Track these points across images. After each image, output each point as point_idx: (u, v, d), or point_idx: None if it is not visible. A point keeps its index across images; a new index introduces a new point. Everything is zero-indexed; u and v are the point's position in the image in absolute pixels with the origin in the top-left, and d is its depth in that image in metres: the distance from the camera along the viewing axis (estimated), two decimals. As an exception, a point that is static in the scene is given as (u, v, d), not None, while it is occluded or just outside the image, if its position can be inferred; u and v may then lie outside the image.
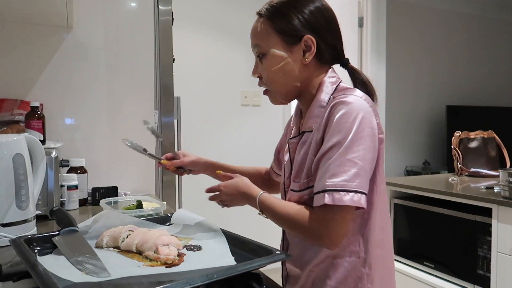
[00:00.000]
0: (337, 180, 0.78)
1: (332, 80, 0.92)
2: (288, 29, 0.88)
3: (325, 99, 0.89)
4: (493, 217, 1.75)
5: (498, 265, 1.74)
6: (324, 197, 0.78)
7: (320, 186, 0.80)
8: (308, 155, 0.88)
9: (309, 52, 0.89)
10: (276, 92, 0.94)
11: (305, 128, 0.92)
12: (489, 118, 3.62)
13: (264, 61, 0.91)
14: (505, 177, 1.75)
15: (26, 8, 1.44)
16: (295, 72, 0.90)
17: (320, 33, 0.90)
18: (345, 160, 0.79)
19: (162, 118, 1.90)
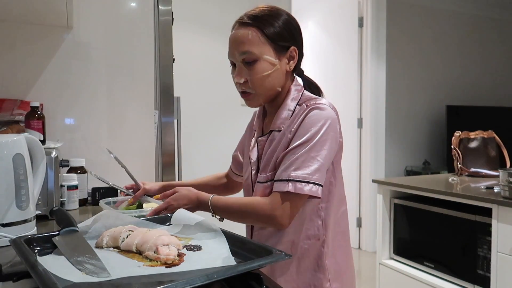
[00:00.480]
0: (300, 172, 0.93)
1: (298, 88, 1.07)
2: (278, 39, 1.00)
3: (293, 104, 1.03)
4: (493, 217, 1.75)
5: (498, 265, 1.74)
6: (288, 185, 0.93)
7: (284, 175, 0.95)
8: (277, 151, 1.01)
9: (293, 61, 1.04)
10: (260, 95, 1.03)
11: (274, 127, 1.05)
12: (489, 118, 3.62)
13: (254, 67, 0.99)
14: (505, 177, 1.75)
15: (26, 8, 1.44)
16: (281, 78, 1.03)
17: (299, 45, 1.05)
18: (309, 157, 0.94)
19: (162, 118, 1.90)
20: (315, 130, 0.95)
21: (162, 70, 1.89)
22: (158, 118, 1.89)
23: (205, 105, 3.14)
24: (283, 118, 1.03)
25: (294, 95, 1.05)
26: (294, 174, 0.93)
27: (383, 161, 3.86)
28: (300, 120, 0.98)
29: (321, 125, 0.96)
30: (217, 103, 3.18)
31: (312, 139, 0.95)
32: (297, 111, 1.02)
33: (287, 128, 1.01)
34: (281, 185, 0.94)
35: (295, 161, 0.94)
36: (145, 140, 1.79)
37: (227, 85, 3.20)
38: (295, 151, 0.96)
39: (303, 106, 1.01)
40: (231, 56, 1.04)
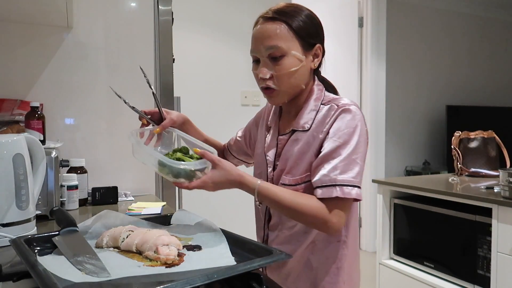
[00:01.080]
0: (346, 176, 0.91)
1: (320, 87, 1.05)
2: (306, 35, 0.98)
3: (317, 104, 1.01)
4: (493, 217, 1.75)
5: (498, 265, 1.74)
6: (335, 190, 0.90)
7: (329, 180, 0.91)
8: (308, 153, 0.98)
9: (317, 59, 1.01)
10: (284, 92, 1.00)
11: (297, 127, 1.02)
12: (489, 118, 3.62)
13: (281, 62, 0.96)
14: (505, 177, 1.75)
15: (26, 8, 1.44)
16: (306, 75, 1.01)
17: (323, 44, 1.03)
18: (351, 160, 0.92)
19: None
20: (352, 131, 0.94)
21: (162, 70, 1.89)
22: (158, 118, 1.88)
23: (205, 105, 3.14)
24: (308, 118, 1.01)
25: (318, 95, 1.03)
26: (341, 178, 0.91)
27: (383, 161, 3.86)
28: (331, 121, 0.96)
29: (355, 126, 0.94)
30: (217, 103, 3.18)
31: (351, 141, 0.93)
32: (324, 111, 0.99)
33: (317, 129, 0.98)
34: (328, 191, 0.91)
35: (338, 165, 0.92)
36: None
37: (227, 85, 3.21)
38: (334, 154, 0.93)
39: (333, 106, 0.98)
40: (256, 51, 1.00)
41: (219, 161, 0.91)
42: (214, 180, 0.91)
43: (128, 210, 1.38)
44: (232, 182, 0.92)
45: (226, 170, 0.91)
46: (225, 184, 0.92)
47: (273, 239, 1.07)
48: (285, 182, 1.01)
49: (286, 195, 0.93)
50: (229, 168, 0.92)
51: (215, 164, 0.91)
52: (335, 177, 0.91)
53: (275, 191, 0.93)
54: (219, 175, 0.91)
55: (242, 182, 0.93)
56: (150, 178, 1.81)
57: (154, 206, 1.43)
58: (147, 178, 1.80)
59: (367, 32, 3.78)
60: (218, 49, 3.17)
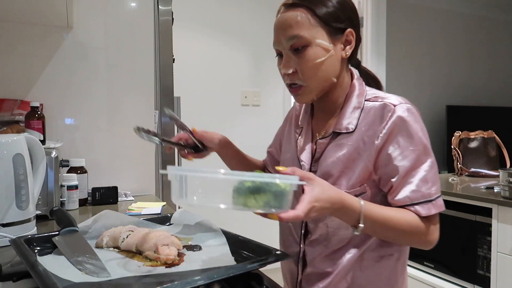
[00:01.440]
0: (435, 188, 0.82)
1: (360, 81, 0.92)
2: (333, 20, 0.85)
3: (360, 100, 0.88)
4: (493, 217, 1.75)
5: (498, 265, 1.74)
6: (432, 207, 0.81)
7: (422, 196, 0.80)
8: (359, 161, 0.84)
9: (349, 46, 0.88)
10: (312, 88, 0.87)
11: (339, 128, 0.88)
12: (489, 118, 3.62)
13: (305, 54, 0.84)
14: (505, 177, 1.75)
15: (26, 8, 1.44)
16: (336, 66, 0.87)
17: (355, 27, 0.88)
18: (434, 168, 0.83)
19: (162, 118, 1.90)
20: (423, 134, 0.82)
21: (162, 70, 1.89)
22: (158, 118, 1.89)
23: (205, 105, 3.14)
24: (351, 118, 0.87)
25: (360, 90, 0.90)
26: (434, 191, 0.81)
27: (383, 161, 3.86)
28: (391, 125, 0.82)
29: (420, 129, 0.83)
30: (217, 103, 3.18)
31: (426, 146, 0.82)
32: (373, 110, 0.85)
33: (367, 132, 0.84)
34: (425, 208, 0.80)
35: (427, 176, 0.81)
36: (145, 140, 1.78)
37: (227, 85, 3.21)
38: (418, 164, 0.81)
39: (387, 106, 0.83)
40: (277, 44, 0.88)
41: (315, 176, 0.72)
42: (318, 198, 0.69)
43: (128, 210, 1.38)
44: (334, 199, 0.72)
45: (326, 185, 0.73)
46: (328, 204, 0.71)
47: (314, 256, 0.91)
48: None
49: (389, 214, 0.80)
50: (327, 184, 0.74)
51: (311, 179, 0.71)
52: (428, 191, 0.81)
53: (379, 210, 0.79)
54: (321, 190, 0.71)
55: (344, 201, 0.74)
56: (150, 178, 1.81)
57: (154, 206, 1.43)
58: (147, 178, 1.80)
59: (367, 32, 3.78)
60: (218, 49, 3.17)
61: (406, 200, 0.81)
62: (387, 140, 0.82)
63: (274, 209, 0.64)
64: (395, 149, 0.82)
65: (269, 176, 0.64)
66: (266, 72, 3.32)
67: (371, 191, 0.85)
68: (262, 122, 3.29)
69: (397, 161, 0.81)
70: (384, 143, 0.82)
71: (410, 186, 0.81)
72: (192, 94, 3.02)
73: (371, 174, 0.85)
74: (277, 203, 0.64)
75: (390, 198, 0.83)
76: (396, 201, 0.82)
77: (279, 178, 0.64)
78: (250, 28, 3.23)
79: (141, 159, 1.78)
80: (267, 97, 3.33)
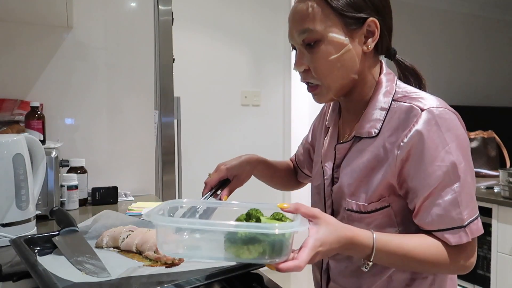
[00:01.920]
0: (467, 212, 0.70)
1: (390, 76, 0.81)
2: (350, 10, 0.74)
3: (387, 100, 0.77)
4: (493, 217, 1.75)
5: (498, 265, 1.74)
6: (464, 234, 0.70)
7: (451, 221, 0.70)
8: (379, 172, 0.75)
9: (372, 38, 0.77)
10: (329, 87, 0.78)
11: (361, 133, 0.78)
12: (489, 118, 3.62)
13: (318, 49, 0.75)
14: (505, 177, 1.75)
15: (26, 8, 1.43)
16: (355, 61, 0.77)
17: (382, 15, 0.78)
18: (468, 184, 0.71)
19: (162, 118, 1.90)
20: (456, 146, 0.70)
21: (162, 70, 1.89)
22: (158, 118, 1.89)
23: (205, 105, 3.14)
24: (375, 120, 0.77)
25: (388, 88, 0.78)
26: (467, 216, 0.70)
27: (383, 161, 3.86)
28: (414, 134, 0.70)
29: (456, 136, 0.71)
30: (217, 103, 3.18)
31: (455, 164, 0.70)
32: (399, 112, 0.74)
33: (390, 138, 0.74)
34: (455, 236, 0.70)
35: (458, 199, 0.69)
36: (145, 140, 1.79)
37: (227, 85, 3.21)
38: (445, 184, 0.69)
39: (413, 109, 0.72)
40: (291, 38, 0.80)
41: (321, 214, 0.64)
42: (324, 242, 0.62)
43: (128, 210, 1.38)
44: (343, 241, 0.64)
45: (333, 224, 0.64)
46: (336, 245, 0.63)
47: (339, 270, 0.83)
48: (350, 208, 0.78)
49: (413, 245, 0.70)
50: (335, 222, 0.65)
51: (316, 218, 0.63)
52: (460, 217, 0.69)
53: (396, 243, 0.69)
54: (328, 232, 0.63)
55: (354, 238, 0.66)
56: (150, 178, 1.81)
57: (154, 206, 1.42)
58: (147, 178, 1.80)
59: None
60: (218, 49, 3.17)
61: (433, 225, 0.71)
62: (409, 152, 0.71)
63: (270, 259, 0.57)
64: (418, 163, 0.71)
65: (264, 226, 0.57)
66: (266, 72, 3.32)
67: (398, 205, 0.75)
68: (262, 122, 3.29)
69: (419, 178, 0.71)
70: (406, 154, 0.71)
71: (436, 209, 0.70)
72: (192, 94, 3.02)
73: (394, 188, 0.74)
74: (275, 253, 0.57)
75: (415, 220, 0.74)
76: (421, 224, 0.73)
77: (278, 227, 0.56)
78: (250, 28, 3.23)
79: (141, 159, 1.78)
80: (267, 97, 3.33)
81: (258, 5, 3.24)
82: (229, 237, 0.58)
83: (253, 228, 0.57)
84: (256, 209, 0.64)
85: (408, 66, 0.85)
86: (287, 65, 3.33)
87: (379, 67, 0.82)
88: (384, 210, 0.75)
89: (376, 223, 0.76)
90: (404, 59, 0.86)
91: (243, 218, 0.63)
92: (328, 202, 0.85)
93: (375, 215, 0.76)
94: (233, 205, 0.69)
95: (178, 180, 2.02)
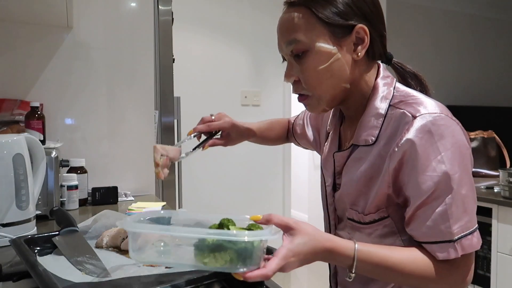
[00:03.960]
0: (458, 226, 0.66)
1: (387, 80, 0.78)
2: (336, 18, 0.72)
3: (384, 105, 0.75)
4: (493, 217, 1.75)
5: (498, 265, 1.74)
6: (454, 249, 0.67)
7: (440, 234, 0.67)
8: (377, 182, 0.73)
9: (362, 45, 0.74)
10: (320, 98, 0.76)
11: (358, 141, 0.77)
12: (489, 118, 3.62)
13: (306, 60, 0.74)
14: (505, 177, 1.75)
15: (26, 8, 1.43)
16: (345, 70, 0.75)
17: (371, 21, 0.75)
18: (462, 197, 0.67)
19: (162, 118, 1.90)
20: (451, 156, 0.67)
21: (162, 70, 1.89)
22: (158, 118, 1.89)
23: (205, 105, 3.14)
24: (372, 127, 0.75)
25: (384, 93, 0.76)
26: (457, 230, 0.66)
27: (383, 161, 3.86)
28: (405, 143, 0.68)
29: (452, 145, 0.68)
30: (217, 103, 3.18)
31: (448, 174, 0.66)
32: (394, 119, 0.72)
33: (386, 147, 0.72)
34: (443, 250, 0.67)
35: (448, 211, 0.66)
36: (145, 140, 1.79)
37: (227, 85, 3.21)
38: (435, 195, 0.66)
39: (405, 115, 0.70)
40: (280, 49, 0.79)
41: (296, 224, 0.63)
42: (297, 252, 0.60)
43: (128, 210, 1.38)
44: (320, 251, 0.63)
45: (310, 234, 0.62)
46: (311, 255, 0.62)
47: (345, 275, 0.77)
48: (351, 217, 0.78)
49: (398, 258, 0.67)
50: (312, 232, 0.63)
51: (291, 229, 0.62)
52: (448, 230, 0.66)
53: (379, 256, 0.66)
54: (303, 242, 0.61)
55: (333, 249, 0.64)
56: (150, 178, 1.81)
57: (154, 206, 1.43)
58: (147, 178, 1.80)
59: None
60: (218, 49, 3.17)
61: (422, 237, 0.69)
62: (401, 161, 0.69)
63: (237, 268, 0.56)
64: (410, 171, 0.68)
65: (232, 233, 0.56)
66: (266, 72, 3.32)
67: (398, 214, 0.73)
68: (262, 122, 3.29)
69: (411, 187, 0.69)
70: (398, 163, 0.69)
71: (426, 220, 0.67)
72: (192, 94, 3.02)
73: (392, 198, 0.73)
74: (242, 261, 0.56)
75: (407, 230, 0.72)
76: (412, 235, 0.71)
77: (247, 234, 0.55)
78: (250, 28, 3.23)
79: (141, 159, 1.78)
80: (267, 97, 3.33)
81: (258, 5, 3.24)
82: (197, 245, 0.58)
83: (222, 235, 0.56)
84: (228, 219, 0.63)
85: (406, 69, 0.83)
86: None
87: (375, 73, 0.80)
88: (383, 221, 0.74)
89: (377, 233, 0.75)
90: (401, 63, 0.84)
91: (214, 227, 0.62)
92: (330, 208, 0.85)
93: (374, 226, 0.75)
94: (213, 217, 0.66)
95: (178, 180, 2.02)
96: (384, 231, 0.74)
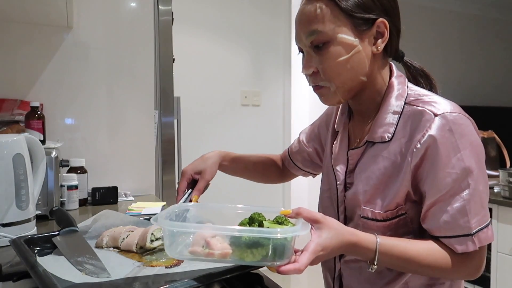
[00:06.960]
0: (476, 220, 0.70)
1: (401, 79, 0.80)
2: (359, 10, 0.73)
3: (400, 103, 0.76)
4: (493, 217, 1.76)
5: (498, 265, 1.74)
6: (471, 243, 0.69)
7: (458, 228, 0.69)
8: (397, 179, 0.74)
9: (382, 39, 0.76)
10: (338, 89, 0.77)
11: (373, 137, 0.78)
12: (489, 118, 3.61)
13: (326, 51, 0.74)
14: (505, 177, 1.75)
15: (26, 8, 1.43)
16: (365, 63, 0.76)
17: (391, 16, 0.76)
18: (478, 196, 0.70)
19: (162, 118, 1.90)
20: (468, 153, 0.69)
21: (162, 70, 1.89)
22: (158, 118, 1.89)
23: (205, 105, 3.14)
24: (388, 124, 0.76)
25: (400, 91, 0.78)
26: (475, 225, 0.69)
27: (383, 161, 3.86)
28: (428, 140, 0.70)
29: (469, 143, 0.70)
30: (217, 103, 3.18)
31: (468, 170, 0.69)
32: (412, 117, 0.74)
33: (406, 144, 0.73)
34: (462, 244, 0.70)
35: (466, 206, 0.69)
36: (145, 140, 1.79)
37: (227, 85, 3.21)
38: (453, 191, 0.69)
39: (426, 113, 0.71)
40: (298, 41, 0.79)
41: (323, 218, 0.65)
42: (325, 246, 0.63)
43: (128, 210, 1.38)
44: (345, 245, 0.65)
45: (335, 228, 0.65)
46: (337, 249, 0.65)
47: (351, 278, 0.83)
48: (366, 215, 0.77)
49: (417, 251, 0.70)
50: (338, 226, 0.66)
51: (318, 222, 0.64)
52: (467, 225, 0.69)
53: (400, 248, 0.69)
54: (330, 236, 0.64)
55: (357, 242, 0.67)
56: (150, 178, 1.81)
57: (154, 206, 1.43)
58: (147, 178, 1.80)
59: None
60: (218, 49, 3.17)
61: (440, 231, 0.71)
62: (422, 157, 0.71)
63: (272, 262, 0.60)
64: (430, 167, 0.70)
65: (267, 231, 0.59)
66: (266, 72, 3.32)
67: (414, 211, 0.75)
68: (262, 122, 3.29)
69: (429, 183, 0.71)
70: (420, 160, 0.71)
71: (444, 215, 0.70)
72: (192, 94, 3.02)
73: (410, 195, 0.74)
74: (277, 256, 0.60)
75: (423, 225, 0.74)
76: (429, 229, 0.73)
77: (280, 232, 0.59)
78: (250, 28, 3.23)
79: (141, 159, 1.78)
80: (267, 97, 3.33)
81: (258, 5, 3.24)
82: (233, 241, 0.61)
83: (257, 233, 0.59)
84: (258, 213, 0.66)
85: (417, 68, 0.85)
86: (287, 65, 3.33)
87: (388, 70, 0.81)
88: (400, 218, 0.75)
89: (391, 229, 0.76)
90: (412, 61, 0.85)
91: (246, 222, 0.66)
92: (341, 208, 0.85)
93: (389, 223, 0.76)
94: (238, 208, 0.72)
95: (177, 180, 2.02)
96: (398, 227, 0.76)
